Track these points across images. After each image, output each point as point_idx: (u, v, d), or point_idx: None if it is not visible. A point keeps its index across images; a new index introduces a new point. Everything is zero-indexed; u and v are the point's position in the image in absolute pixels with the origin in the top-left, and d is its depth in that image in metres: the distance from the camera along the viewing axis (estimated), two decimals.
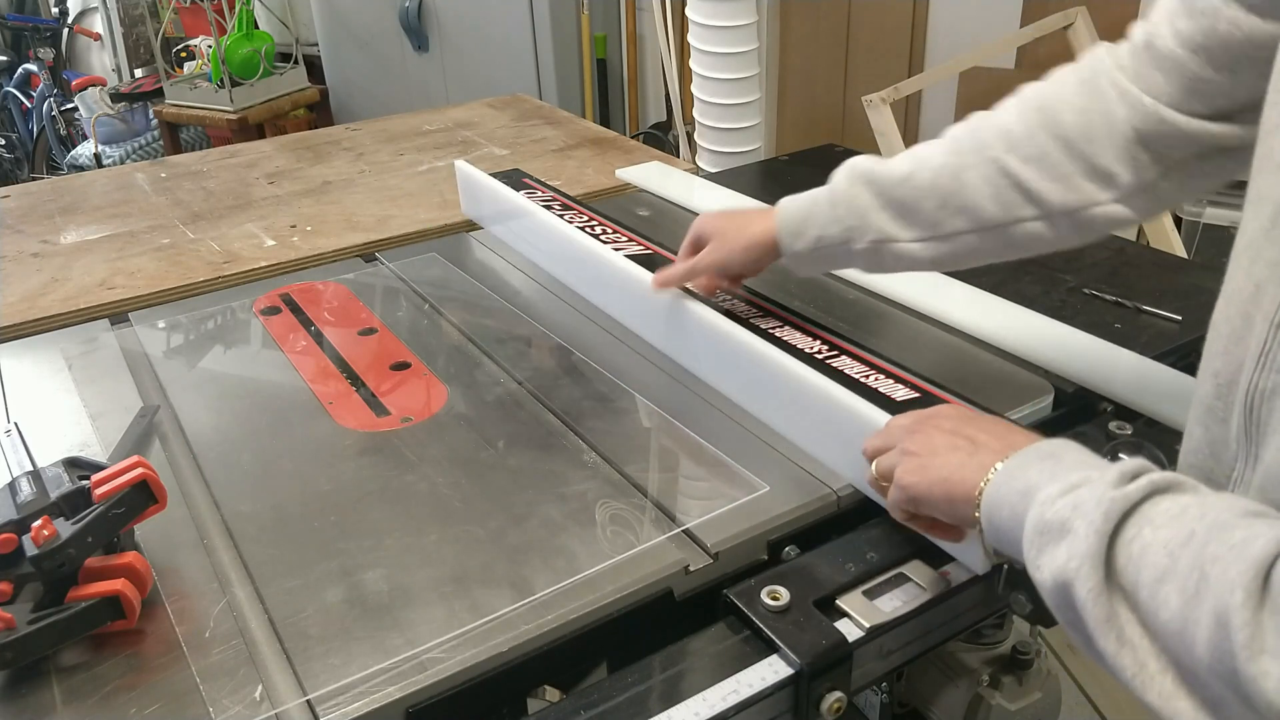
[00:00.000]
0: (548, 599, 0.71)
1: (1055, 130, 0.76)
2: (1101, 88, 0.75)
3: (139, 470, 0.72)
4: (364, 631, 0.69)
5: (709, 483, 0.85)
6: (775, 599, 0.70)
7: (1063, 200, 0.76)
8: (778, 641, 0.67)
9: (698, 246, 0.96)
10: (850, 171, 0.85)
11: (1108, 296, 1.10)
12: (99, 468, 0.75)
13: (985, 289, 1.12)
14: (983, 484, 0.61)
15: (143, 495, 0.72)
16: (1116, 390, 0.93)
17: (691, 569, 0.74)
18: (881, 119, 2.18)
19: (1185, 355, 1.00)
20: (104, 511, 0.70)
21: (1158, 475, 0.53)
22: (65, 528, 0.68)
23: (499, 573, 0.74)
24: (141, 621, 0.70)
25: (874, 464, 0.71)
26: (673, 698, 0.65)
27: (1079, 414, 0.93)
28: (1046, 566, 0.53)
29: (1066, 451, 0.60)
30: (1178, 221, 2.06)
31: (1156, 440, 0.88)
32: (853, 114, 2.69)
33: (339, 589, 0.73)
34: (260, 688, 0.65)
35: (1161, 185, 0.74)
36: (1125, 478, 0.53)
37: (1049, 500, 0.55)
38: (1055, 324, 1.04)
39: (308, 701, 0.63)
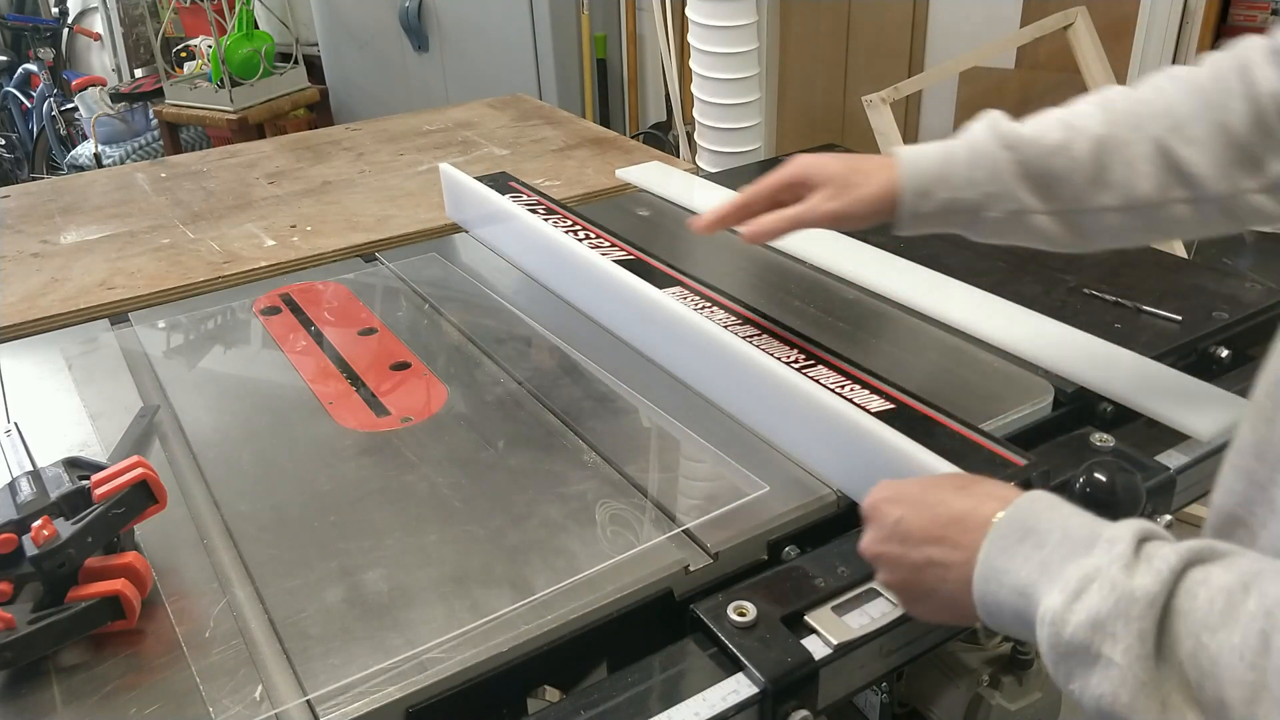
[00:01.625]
0: (548, 599, 0.71)
1: (1216, 116, 0.74)
2: (1255, 78, 0.74)
3: (139, 470, 0.72)
4: (364, 631, 0.69)
5: (709, 483, 0.85)
6: (742, 614, 0.69)
7: (1217, 187, 0.74)
8: (743, 659, 0.66)
9: (798, 190, 0.86)
10: (993, 130, 0.79)
11: (1108, 296, 1.10)
12: (99, 468, 0.75)
13: (985, 289, 1.12)
14: (972, 598, 0.58)
15: (143, 495, 0.72)
16: (1116, 390, 0.93)
17: (691, 569, 0.74)
18: (881, 119, 2.18)
19: (1185, 355, 1.00)
20: (104, 511, 0.70)
21: (1168, 550, 0.49)
22: (65, 528, 0.68)
23: (499, 573, 0.74)
24: (141, 621, 0.70)
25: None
26: (637, 716, 0.64)
27: (1079, 414, 0.93)
28: (1085, 695, 0.49)
29: (1039, 522, 0.56)
30: None
31: (1156, 442, 0.88)
32: (853, 114, 2.69)
33: (339, 589, 0.73)
34: (260, 688, 0.65)
35: None
36: (1133, 564, 0.49)
37: (1058, 618, 0.50)
38: (1055, 324, 1.04)
39: (308, 701, 0.63)
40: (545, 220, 1.19)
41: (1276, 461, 0.56)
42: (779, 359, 0.89)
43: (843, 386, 0.87)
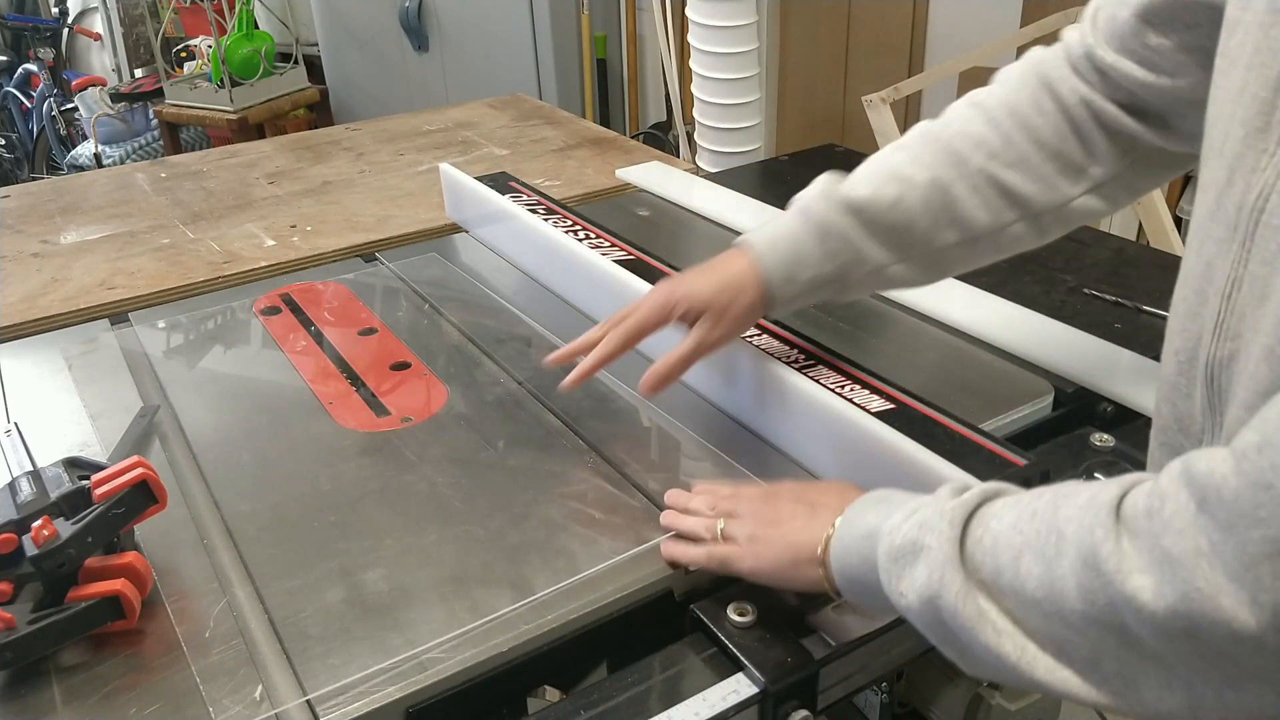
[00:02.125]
0: (548, 599, 0.71)
1: (1030, 134, 0.78)
2: (1060, 91, 0.77)
3: (139, 470, 0.72)
4: (364, 631, 0.69)
5: (709, 483, 0.84)
6: (742, 615, 0.69)
7: (1046, 200, 0.78)
8: (742, 659, 0.67)
9: (664, 317, 0.83)
10: (829, 200, 0.81)
11: (1108, 296, 1.10)
12: (99, 468, 0.75)
13: (985, 289, 1.12)
14: (825, 539, 0.65)
15: (143, 495, 0.72)
16: (1116, 390, 0.93)
17: (691, 569, 0.74)
18: (881, 119, 2.18)
19: None
20: (104, 512, 0.69)
21: (988, 485, 0.57)
22: (65, 528, 0.68)
23: (499, 573, 0.74)
24: (141, 621, 0.70)
25: (719, 525, 0.73)
26: (637, 716, 0.64)
27: (1079, 414, 0.93)
28: (910, 589, 0.56)
29: (897, 494, 0.64)
30: (1177, 221, 2.06)
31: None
32: (853, 114, 2.69)
33: (339, 589, 0.73)
34: (260, 687, 0.65)
35: (1128, 175, 0.78)
36: (958, 491, 0.57)
37: (894, 529, 0.58)
38: (1055, 324, 1.04)
39: (308, 701, 0.63)
40: (545, 220, 1.19)
41: (1200, 433, 0.58)
42: (779, 359, 0.89)
43: (843, 386, 0.87)
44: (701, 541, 0.73)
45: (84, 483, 0.72)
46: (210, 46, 3.34)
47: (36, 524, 0.67)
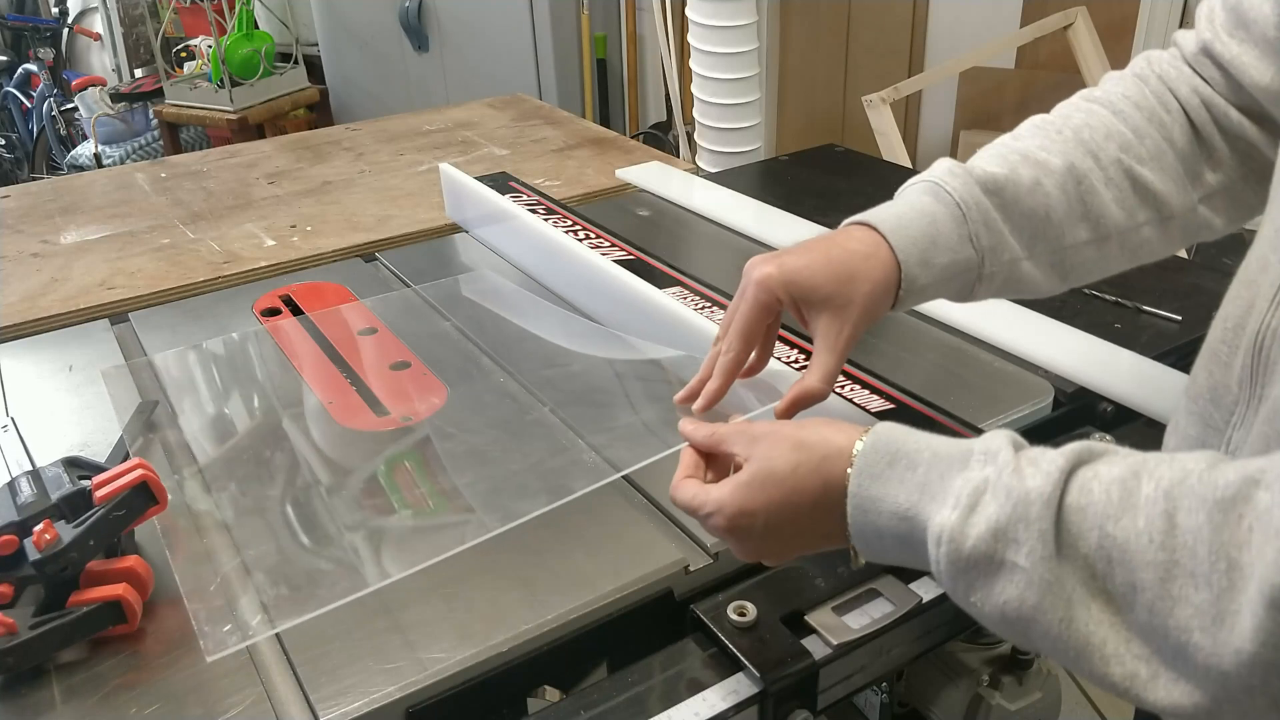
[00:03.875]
0: (548, 599, 0.71)
1: (1160, 129, 0.72)
2: (1180, 92, 0.73)
3: (139, 472, 0.72)
4: (364, 631, 0.69)
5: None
6: (742, 614, 0.69)
7: (1178, 202, 0.72)
8: (743, 659, 0.66)
9: (768, 316, 0.71)
10: (963, 177, 0.71)
11: (1108, 296, 1.10)
12: (99, 468, 0.75)
13: None
14: (848, 532, 0.56)
15: (143, 497, 0.72)
16: (1116, 390, 0.93)
17: (691, 569, 0.74)
18: (881, 119, 2.18)
19: (1185, 355, 1.00)
20: (105, 514, 0.69)
21: (1052, 453, 0.49)
22: (67, 531, 0.68)
23: (499, 573, 0.74)
24: (142, 621, 0.70)
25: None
26: (637, 716, 0.64)
27: (1079, 414, 0.93)
28: (988, 604, 0.49)
29: (904, 446, 0.54)
30: None
31: (1156, 442, 0.88)
32: (853, 114, 2.70)
33: (340, 589, 0.73)
34: (260, 688, 0.65)
35: (1241, 188, 0.73)
36: (1021, 469, 0.49)
37: (956, 533, 0.49)
38: (1055, 324, 1.04)
39: (308, 701, 0.63)
40: (545, 220, 1.19)
41: (1232, 405, 0.56)
42: (779, 358, 0.89)
43: (843, 386, 0.87)
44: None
45: (84, 484, 0.72)
46: (210, 46, 3.35)
47: (38, 528, 0.67)
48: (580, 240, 1.14)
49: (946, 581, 0.51)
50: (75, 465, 0.75)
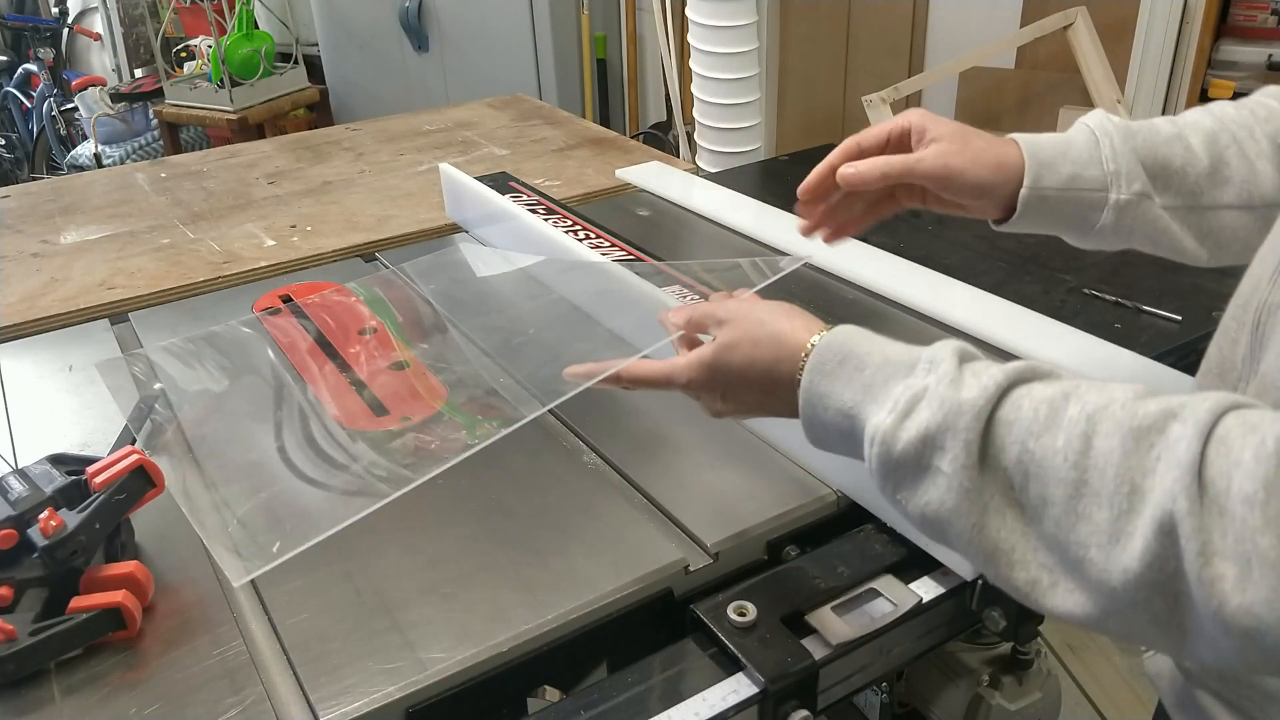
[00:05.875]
0: (548, 599, 0.71)
1: None
2: None
3: (135, 457, 0.73)
4: (364, 631, 0.69)
5: (709, 482, 0.85)
6: (742, 615, 0.69)
7: None
8: (742, 659, 0.66)
9: (904, 142, 0.77)
10: (1104, 118, 0.75)
11: (1108, 296, 1.10)
12: (86, 461, 0.76)
13: (985, 289, 1.12)
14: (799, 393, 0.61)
15: (141, 480, 0.73)
16: None
17: (691, 569, 0.74)
18: (881, 119, 2.18)
19: (1185, 355, 1.00)
20: (107, 498, 0.71)
21: (994, 369, 0.52)
22: (72, 517, 0.69)
23: (499, 573, 0.74)
24: (142, 622, 0.70)
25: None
26: (637, 716, 0.64)
27: None
28: (911, 503, 0.53)
29: (856, 347, 0.60)
30: None
31: None
32: (853, 114, 2.69)
33: (339, 589, 0.73)
34: (260, 688, 0.65)
35: None
36: (959, 380, 0.52)
37: (889, 435, 0.53)
38: (1055, 324, 1.04)
39: (308, 701, 0.63)
40: (545, 220, 1.19)
41: (1235, 380, 0.57)
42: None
43: None
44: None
45: (78, 476, 0.73)
46: (210, 46, 3.35)
47: (43, 515, 0.67)
48: (580, 240, 1.14)
49: (877, 479, 0.55)
50: (61, 461, 0.76)
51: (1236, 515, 0.43)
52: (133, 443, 0.84)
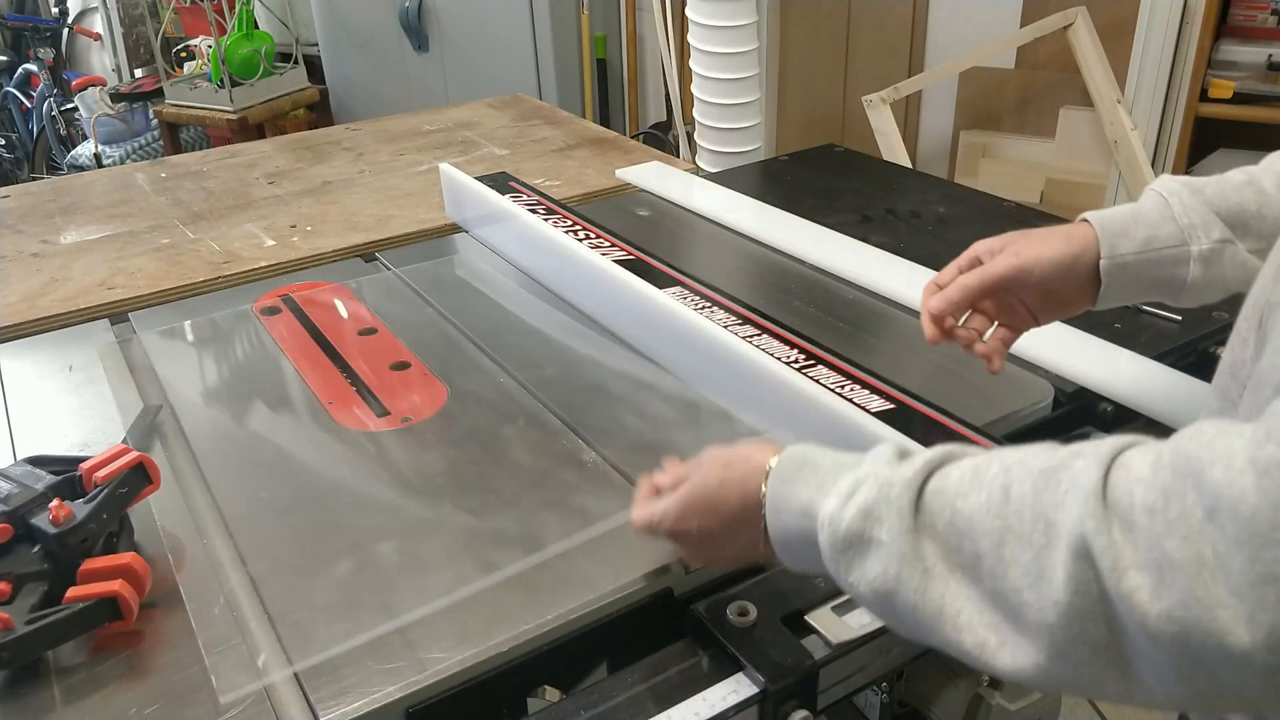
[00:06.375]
0: (548, 599, 0.71)
1: None
2: None
3: (134, 454, 0.75)
4: (364, 631, 0.69)
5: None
6: (743, 615, 0.69)
7: None
8: (742, 659, 0.67)
9: (975, 264, 0.78)
10: (1171, 180, 0.76)
11: None
12: (67, 461, 0.77)
13: None
14: (762, 520, 0.62)
15: (140, 476, 0.75)
16: (1116, 390, 0.93)
17: (691, 569, 0.74)
18: (881, 119, 2.18)
19: (1185, 355, 1.00)
20: (112, 490, 0.72)
21: (931, 454, 0.55)
22: (80, 508, 0.70)
23: (499, 573, 0.74)
24: (141, 621, 0.70)
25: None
26: (637, 716, 0.64)
27: (1079, 414, 0.93)
28: (861, 581, 0.54)
29: (811, 455, 0.61)
30: None
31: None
32: (853, 114, 2.69)
33: (340, 590, 0.73)
34: (261, 688, 0.65)
35: None
36: (895, 459, 0.55)
37: (835, 518, 0.55)
38: (1055, 324, 1.04)
39: (308, 701, 0.63)
40: (545, 220, 1.19)
41: (1245, 379, 0.58)
42: (779, 359, 0.89)
43: (843, 386, 0.87)
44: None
45: (70, 473, 0.74)
46: (210, 46, 3.34)
47: (52, 504, 0.69)
48: (580, 240, 1.14)
49: (830, 566, 0.56)
50: (40, 463, 0.77)
51: (1141, 525, 0.44)
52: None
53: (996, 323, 0.80)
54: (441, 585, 0.73)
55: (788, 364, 0.89)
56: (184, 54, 3.75)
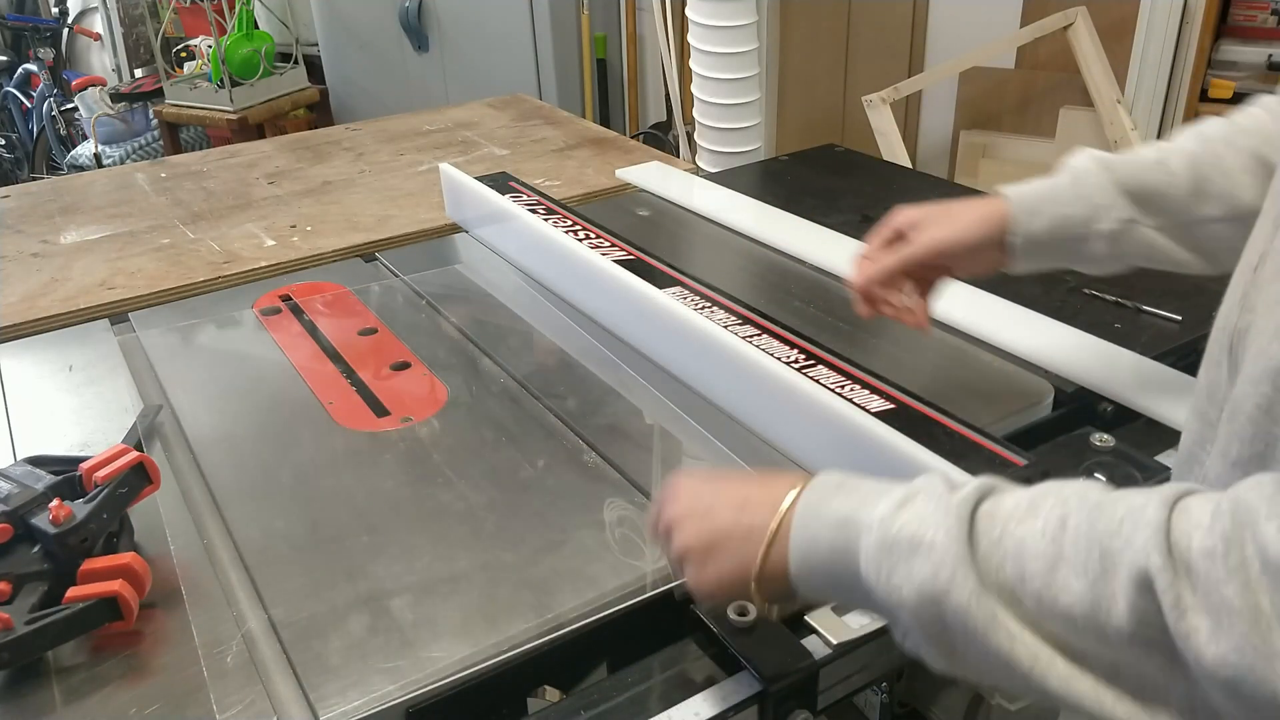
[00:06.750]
0: (548, 599, 0.71)
1: None
2: None
3: (134, 454, 0.75)
4: (364, 631, 0.69)
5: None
6: (742, 615, 0.69)
7: None
8: (742, 659, 0.66)
9: (897, 237, 0.87)
10: (1086, 157, 0.81)
11: (1108, 296, 1.10)
12: (67, 461, 0.77)
13: (985, 289, 1.12)
14: (770, 534, 0.59)
15: (140, 476, 0.75)
16: (1116, 390, 0.93)
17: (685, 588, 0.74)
18: (881, 119, 2.18)
19: (1185, 355, 1.00)
20: (112, 490, 0.72)
21: (982, 480, 0.55)
22: (80, 507, 0.70)
23: (497, 573, 0.74)
24: (141, 622, 0.70)
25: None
26: (637, 716, 0.64)
27: (1079, 414, 0.93)
28: (906, 583, 0.53)
29: (848, 480, 0.60)
30: None
31: (1156, 442, 0.88)
32: (853, 114, 2.69)
33: (339, 589, 0.73)
34: (260, 687, 0.65)
35: None
36: (949, 486, 0.55)
37: (886, 520, 0.54)
38: (1055, 324, 1.04)
39: (308, 701, 0.63)
40: (545, 220, 1.19)
41: (1222, 400, 0.58)
42: (779, 359, 0.89)
43: (843, 386, 0.87)
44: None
45: (70, 473, 0.74)
46: (210, 46, 3.34)
47: (53, 504, 0.69)
48: (580, 240, 1.14)
49: (871, 568, 0.54)
50: (40, 463, 0.77)
51: (1200, 570, 0.44)
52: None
53: (913, 286, 0.87)
54: (442, 584, 0.73)
55: (788, 364, 0.88)
56: (184, 54, 3.75)
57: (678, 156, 1.82)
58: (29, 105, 4.52)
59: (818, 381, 0.85)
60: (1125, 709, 0.48)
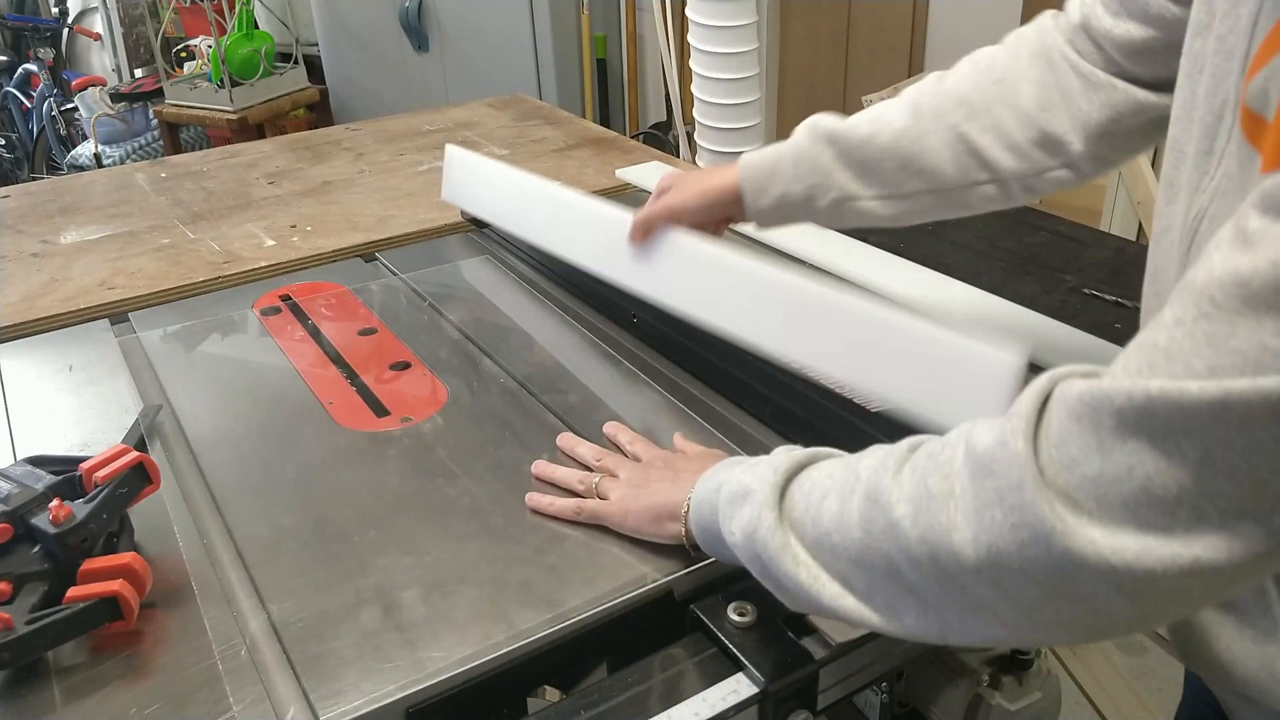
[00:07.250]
0: (548, 599, 0.71)
1: (1012, 102, 0.81)
2: (1054, 60, 0.81)
3: (134, 454, 0.74)
4: (364, 630, 0.69)
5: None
6: (742, 614, 0.69)
7: (1016, 167, 0.82)
8: (742, 659, 0.67)
9: (659, 195, 0.97)
10: (812, 130, 0.88)
11: (1108, 296, 1.10)
12: (67, 461, 0.76)
13: (985, 289, 1.12)
14: (688, 500, 0.71)
15: (140, 476, 0.75)
16: None
17: (691, 569, 0.74)
18: None
19: None
20: (112, 490, 0.72)
21: (823, 449, 0.65)
22: (80, 507, 0.70)
23: (497, 573, 0.74)
24: (141, 622, 0.70)
25: (589, 482, 0.80)
26: (637, 716, 0.64)
27: None
28: (737, 527, 0.63)
29: (751, 457, 0.69)
30: None
31: None
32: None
33: (338, 588, 0.73)
34: (260, 687, 0.65)
35: (1107, 150, 0.80)
36: (792, 450, 0.65)
37: (734, 479, 0.65)
38: (1055, 324, 1.04)
39: (308, 701, 0.63)
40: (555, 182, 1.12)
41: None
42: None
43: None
44: (574, 493, 0.80)
45: (70, 473, 0.74)
46: (210, 46, 3.35)
47: (53, 504, 0.69)
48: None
49: (722, 518, 0.65)
50: (40, 463, 0.76)
51: (920, 465, 0.53)
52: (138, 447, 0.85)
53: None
54: (441, 585, 0.73)
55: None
56: (184, 54, 3.75)
57: (678, 156, 1.82)
58: (29, 105, 4.53)
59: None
60: (881, 620, 0.56)
